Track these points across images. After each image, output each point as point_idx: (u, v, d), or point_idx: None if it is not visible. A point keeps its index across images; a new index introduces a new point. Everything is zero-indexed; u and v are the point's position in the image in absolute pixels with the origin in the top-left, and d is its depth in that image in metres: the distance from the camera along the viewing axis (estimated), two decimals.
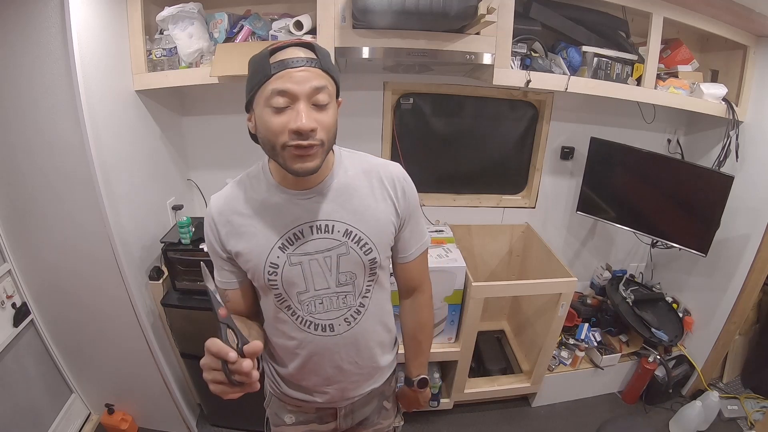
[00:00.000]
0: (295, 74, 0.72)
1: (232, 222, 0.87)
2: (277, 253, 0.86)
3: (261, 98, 0.75)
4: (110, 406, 1.81)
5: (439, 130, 2.10)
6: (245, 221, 0.87)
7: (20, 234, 1.49)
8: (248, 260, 0.87)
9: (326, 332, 0.93)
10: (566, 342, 2.12)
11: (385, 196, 0.92)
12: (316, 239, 0.86)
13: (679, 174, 1.94)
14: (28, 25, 1.21)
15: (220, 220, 0.87)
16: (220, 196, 0.90)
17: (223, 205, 0.88)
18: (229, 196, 0.89)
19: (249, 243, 0.87)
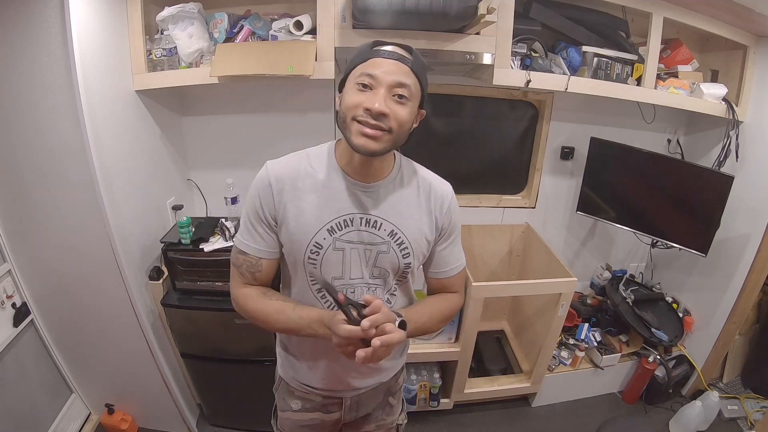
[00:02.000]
0: (385, 63, 0.81)
1: (288, 191, 0.87)
2: (324, 235, 0.88)
3: (353, 77, 0.83)
4: (110, 406, 1.81)
5: (439, 130, 2.10)
6: (301, 195, 0.87)
7: (20, 234, 1.49)
8: (293, 233, 0.88)
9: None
10: (566, 342, 2.12)
11: (430, 209, 0.97)
12: (363, 231, 0.90)
13: (679, 174, 1.94)
14: (28, 25, 1.21)
15: (277, 186, 0.87)
16: (280, 163, 0.90)
17: (283, 172, 0.88)
18: (289, 166, 0.89)
19: (299, 217, 0.87)
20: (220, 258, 1.57)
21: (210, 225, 1.66)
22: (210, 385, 1.87)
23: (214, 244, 1.58)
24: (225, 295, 1.60)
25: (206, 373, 1.82)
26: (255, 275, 0.93)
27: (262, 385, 1.83)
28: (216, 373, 1.80)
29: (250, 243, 0.91)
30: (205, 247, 1.56)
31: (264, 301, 0.92)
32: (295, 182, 0.88)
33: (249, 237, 0.91)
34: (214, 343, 1.70)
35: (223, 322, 1.64)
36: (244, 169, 2.11)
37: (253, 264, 0.92)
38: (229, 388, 1.84)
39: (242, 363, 1.75)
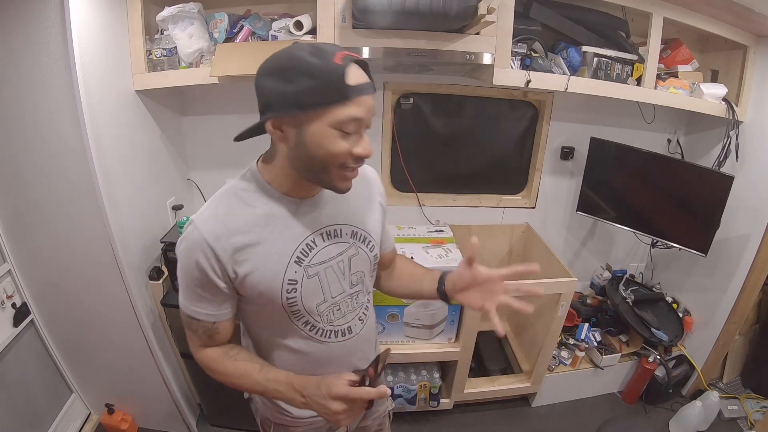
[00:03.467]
0: (368, 101, 0.71)
1: (234, 244, 0.76)
2: (294, 268, 0.80)
3: (327, 118, 0.68)
4: (110, 406, 1.81)
5: (439, 130, 2.10)
6: (250, 240, 0.77)
7: (20, 234, 1.49)
8: (260, 282, 0.78)
9: (345, 336, 0.91)
10: (566, 342, 2.12)
11: (371, 195, 0.94)
12: (328, 246, 0.84)
13: (679, 174, 1.93)
14: (28, 25, 1.21)
15: (219, 245, 0.74)
16: (210, 217, 0.76)
17: (218, 226, 0.75)
18: (222, 215, 0.77)
19: (260, 263, 0.78)
20: None
21: None
22: (210, 385, 1.86)
23: None
24: None
25: (206, 373, 1.81)
26: (213, 337, 0.84)
27: None
28: None
29: (199, 309, 0.80)
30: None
31: (227, 362, 0.85)
32: (238, 229, 0.76)
33: (197, 302, 0.80)
34: None
35: None
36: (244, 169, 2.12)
37: (209, 328, 0.83)
38: (229, 388, 1.83)
39: None
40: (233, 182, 0.82)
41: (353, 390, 0.77)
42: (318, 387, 0.79)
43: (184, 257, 0.77)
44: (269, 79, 0.70)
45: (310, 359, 0.89)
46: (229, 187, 0.81)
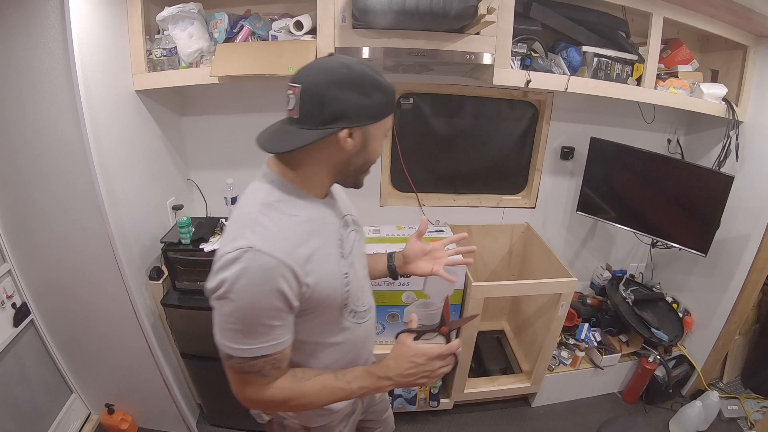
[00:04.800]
0: None
1: (301, 257, 0.75)
2: (342, 263, 0.85)
3: (383, 126, 0.80)
4: (110, 406, 1.81)
5: (439, 130, 2.10)
6: (309, 248, 0.77)
7: (20, 234, 1.49)
8: (326, 286, 0.79)
9: (369, 313, 0.98)
10: (566, 342, 2.12)
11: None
12: (350, 234, 0.91)
13: (679, 174, 1.93)
14: (28, 25, 1.21)
15: (293, 262, 0.72)
16: (269, 237, 0.72)
17: (283, 244, 0.73)
18: (278, 231, 0.74)
19: (322, 268, 0.78)
20: None
21: (210, 225, 1.66)
22: (210, 385, 1.87)
23: (214, 244, 1.58)
24: None
25: (206, 373, 1.82)
26: (281, 366, 0.79)
27: None
28: (216, 373, 1.78)
29: (268, 343, 0.75)
30: (205, 247, 1.56)
31: (302, 385, 0.81)
32: (298, 243, 0.75)
33: (265, 336, 0.74)
34: (214, 343, 1.69)
35: None
36: (244, 169, 2.12)
37: (278, 358, 0.77)
38: (229, 388, 1.83)
39: None
40: (257, 198, 0.78)
41: (446, 346, 0.89)
42: (408, 359, 0.86)
43: (255, 292, 0.70)
44: (346, 92, 0.73)
45: (351, 346, 0.92)
46: (260, 204, 0.77)
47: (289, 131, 0.76)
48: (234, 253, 0.70)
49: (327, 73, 0.73)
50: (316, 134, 0.73)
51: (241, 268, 0.69)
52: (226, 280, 0.70)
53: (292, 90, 0.74)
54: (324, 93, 0.72)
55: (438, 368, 0.87)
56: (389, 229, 1.99)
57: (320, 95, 0.72)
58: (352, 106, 0.73)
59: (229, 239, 0.73)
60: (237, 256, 0.70)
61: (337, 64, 0.74)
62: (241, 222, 0.75)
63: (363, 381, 0.84)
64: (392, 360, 0.86)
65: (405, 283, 1.72)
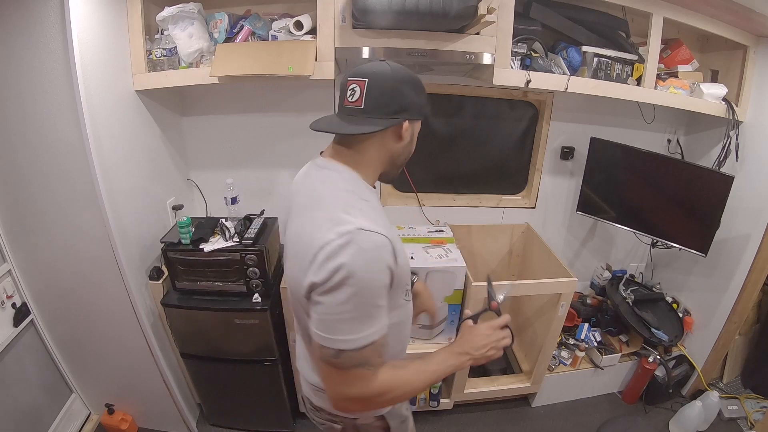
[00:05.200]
0: None
1: (394, 235, 0.80)
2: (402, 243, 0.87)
3: (419, 126, 0.91)
4: (110, 406, 1.81)
5: (439, 130, 2.10)
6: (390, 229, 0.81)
7: (20, 234, 1.49)
8: (405, 264, 0.85)
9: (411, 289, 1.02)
10: (566, 342, 2.12)
11: None
12: None
13: (679, 174, 1.93)
14: (28, 25, 1.21)
15: (393, 238, 0.77)
16: (369, 219, 0.75)
17: (380, 225, 0.76)
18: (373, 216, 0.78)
19: (399, 247, 0.81)
20: (220, 258, 1.57)
21: (210, 225, 1.66)
22: (210, 385, 1.87)
23: (214, 244, 1.58)
24: (225, 295, 1.63)
25: (206, 373, 1.82)
26: (382, 353, 0.79)
27: (262, 385, 1.84)
28: (216, 373, 1.80)
29: (377, 326, 0.75)
30: (205, 247, 1.56)
31: (401, 373, 0.83)
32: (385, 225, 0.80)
33: (374, 320, 0.75)
34: (214, 343, 1.70)
35: (223, 322, 1.64)
36: (244, 169, 2.13)
37: (381, 344, 0.77)
38: (229, 388, 1.84)
39: (242, 363, 1.75)
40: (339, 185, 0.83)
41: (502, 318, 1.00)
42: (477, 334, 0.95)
43: (373, 270, 0.73)
44: (409, 89, 0.83)
45: (403, 326, 0.95)
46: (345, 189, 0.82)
47: (356, 120, 0.81)
48: (342, 238, 0.71)
49: (393, 71, 0.82)
50: (387, 122, 0.81)
51: (356, 249, 0.71)
52: (342, 266, 0.70)
53: (357, 84, 0.81)
54: (393, 87, 0.81)
55: (502, 338, 0.96)
56: None
57: (391, 89, 0.81)
58: (412, 101, 0.84)
59: (328, 226, 0.74)
60: (348, 240, 0.71)
61: (396, 66, 0.84)
62: (333, 209, 0.77)
63: (450, 360, 0.90)
64: (465, 339, 0.95)
65: None
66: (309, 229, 0.78)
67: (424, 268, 1.70)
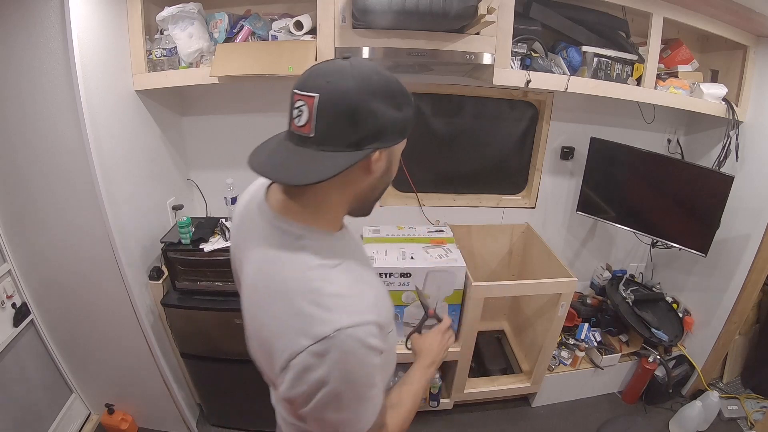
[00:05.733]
0: None
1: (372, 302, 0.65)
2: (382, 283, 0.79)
3: (402, 145, 0.68)
4: (110, 406, 1.81)
5: (439, 130, 2.10)
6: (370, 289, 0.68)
7: (20, 234, 1.49)
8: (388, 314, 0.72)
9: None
10: (566, 342, 2.12)
11: None
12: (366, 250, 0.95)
13: (679, 174, 1.93)
14: (28, 25, 1.21)
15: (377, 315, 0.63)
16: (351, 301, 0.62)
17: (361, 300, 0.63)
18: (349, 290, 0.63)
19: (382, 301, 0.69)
20: (220, 258, 1.57)
21: (210, 225, 1.66)
22: (210, 385, 1.87)
23: (214, 244, 1.58)
24: (225, 295, 1.63)
25: (206, 373, 1.82)
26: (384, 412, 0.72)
27: (262, 385, 1.83)
28: (216, 373, 1.80)
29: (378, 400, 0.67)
30: (205, 247, 1.56)
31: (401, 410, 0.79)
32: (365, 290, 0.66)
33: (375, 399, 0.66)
34: (214, 343, 1.70)
35: (223, 322, 1.64)
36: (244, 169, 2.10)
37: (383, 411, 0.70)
38: (229, 388, 1.84)
39: (242, 363, 1.74)
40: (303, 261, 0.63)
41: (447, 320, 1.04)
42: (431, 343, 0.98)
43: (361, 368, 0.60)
44: (383, 105, 0.59)
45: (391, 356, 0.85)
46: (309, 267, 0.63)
47: (306, 156, 0.59)
48: (319, 345, 0.57)
49: (358, 80, 0.57)
50: (350, 158, 0.58)
51: (339, 355, 0.57)
52: (324, 381, 0.58)
53: (304, 100, 0.58)
54: (357, 105, 0.57)
55: (449, 338, 1.01)
56: (389, 229, 1.99)
57: (353, 107, 0.57)
58: (387, 122, 0.60)
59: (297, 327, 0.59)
60: (326, 347, 0.57)
61: (367, 69, 0.60)
62: (301, 301, 0.60)
63: (426, 375, 0.92)
64: (426, 351, 0.96)
65: (405, 284, 1.72)
66: (272, 326, 0.63)
67: (424, 268, 1.70)
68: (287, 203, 0.66)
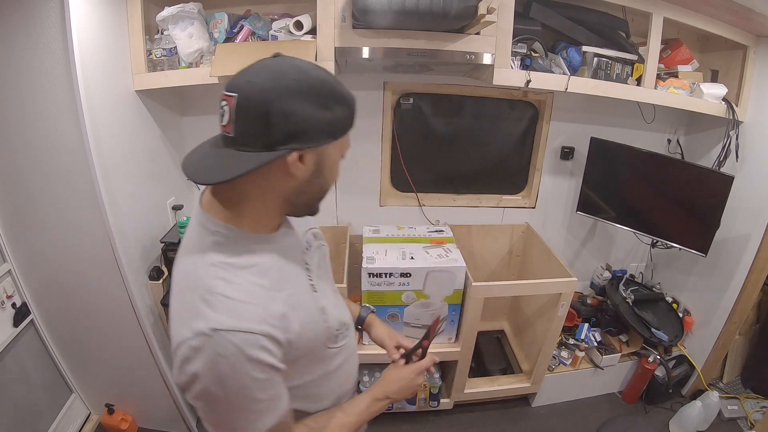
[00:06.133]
0: None
1: (278, 314, 0.64)
2: (315, 297, 0.76)
3: (342, 145, 0.67)
4: (110, 406, 1.81)
5: (439, 130, 2.10)
6: (281, 299, 0.66)
7: (20, 234, 1.49)
8: (310, 331, 0.70)
9: (348, 325, 0.89)
10: (566, 342, 2.12)
11: None
12: (313, 256, 0.82)
13: (679, 174, 1.93)
14: (28, 25, 1.21)
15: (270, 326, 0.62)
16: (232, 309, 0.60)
17: (255, 309, 0.62)
18: (245, 296, 0.62)
19: (300, 315, 0.68)
20: None
21: None
22: None
23: None
24: None
25: None
26: (290, 426, 0.72)
27: None
28: None
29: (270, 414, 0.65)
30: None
31: None
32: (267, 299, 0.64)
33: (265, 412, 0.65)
34: None
35: None
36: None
37: (284, 422, 0.68)
38: None
39: None
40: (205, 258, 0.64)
41: (424, 362, 0.93)
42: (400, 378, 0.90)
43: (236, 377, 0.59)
44: (300, 104, 0.58)
45: (345, 367, 0.87)
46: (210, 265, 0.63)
47: (223, 155, 0.61)
48: (196, 339, 0.58)
49: (275, 79, 0.58)
50: (259, 159, 0.58)
51: (212, 356, 0.57)
52: (197, 377, 0.58)
53: (227, 100, 0.59)
54: (271, 104, 0.57)
55: (419, 383, 0.93)
56: (389, 229, 1.99)
57: (266, 107, 0.57)
58: (307, 121, 0.59)
59: (185, 317, 0.60)
60: (201, 344, 0.57)
61: (287, 66, 0.60)
62: (193, 295, 0.61)
63: (372, 407, 0.86)
64: (388, 383, 0.89)
65: (405, 284, 1.72)
66: (174, 309, 0.64)
67: (424, 268, 1.70)
68: (212, 201, 0.67)
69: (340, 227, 2.15)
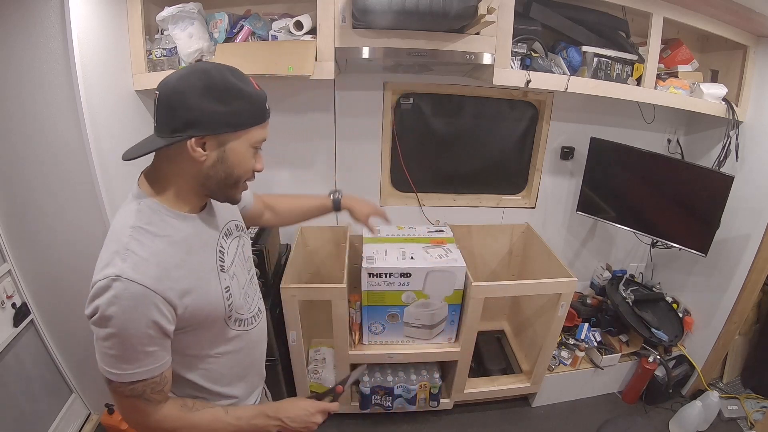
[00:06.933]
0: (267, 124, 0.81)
1: (175, 280, 0.74)
2: (223, 276, 0.85)
3: (249, 137, 0.77)
4: (110, 406, 1.80)
5: (439, 130, 2.10)
6: (185, 270, 0.76)
7: (20, 234, 1.49)
8: (205, 305, 0.80)
9: (258, 318, 0.98)
10: (566, 342, 2.12)
11: None
12: (230, 244, 0.91)
13: (679, 174, 1.93)
14: (28, 25, 1.21)
15: (165, 288, 0.72)
16: (138, 263, 0.71)
17: (153, 269, 0.72)
18: (149, 256, 0.72)
19: (200, 288, 0.78)
20: None
21: None
22: None
23: None
24: None
25: None
26: (164, 389, 0.78)
27: None
28: None
29: (146, 367, 0.74)
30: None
31: (191, 416, 0.82)
32: (170, 263, 0.74)
33: (143, 361, 0.74)
34: None
35: None
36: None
37: (158, 382, 0.76)
38: None
39: None
40: (128, 221, 0.75)
41: (330, 405, 0.96)
42: (301, 408, 0.92)
43: (126, 319, 0.70)
44: (198, 98, 0.71)
45: (242, 353, 0.93)
46: (130, 227, 0.74)
47: (146, 140, 0.77)
48: (104, 281, 0.70)
49: (181, 79, 0.71)
50: (163, 141, 0.73)
51: (112, 296, 0.69)
52: (99, 309, 0.70)
53: (156, 96, 0.73)
54: (174, 98, 0.71)
55: (318, 420, 0.95)
56: (389, 229, 1.99)
57: (171, 101, 0.71)
58: (207, 113, 0.71)
59: (101, 265, 0.73)
60: (107, 285, 0.70)
61: (194, 69, 0.73)
62: (112, 248, 0.73)
63: (254, 419, 0.88)
64: (285, 406, 0.92)
65: (405, 284, 1.72)
66: (98, 259, 0.76)
67: (424, 268, 1.70)
68: (143, 180, 0.82)
69: (340, 227, 2.15)
